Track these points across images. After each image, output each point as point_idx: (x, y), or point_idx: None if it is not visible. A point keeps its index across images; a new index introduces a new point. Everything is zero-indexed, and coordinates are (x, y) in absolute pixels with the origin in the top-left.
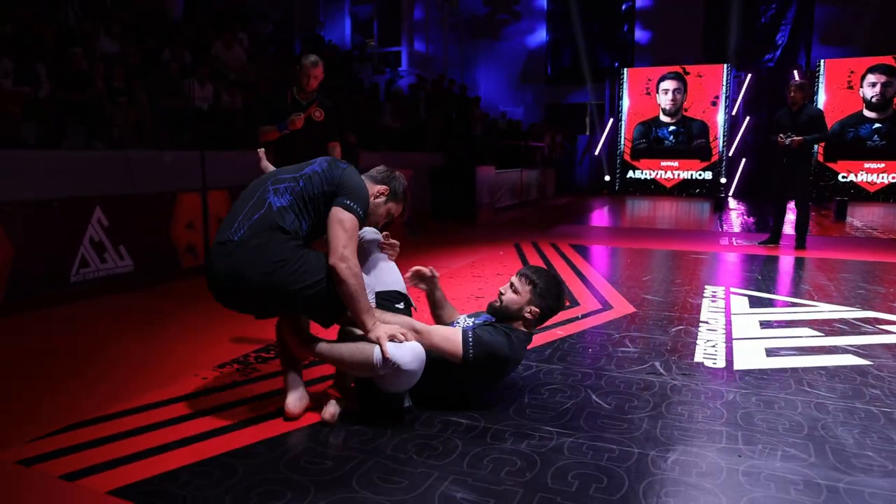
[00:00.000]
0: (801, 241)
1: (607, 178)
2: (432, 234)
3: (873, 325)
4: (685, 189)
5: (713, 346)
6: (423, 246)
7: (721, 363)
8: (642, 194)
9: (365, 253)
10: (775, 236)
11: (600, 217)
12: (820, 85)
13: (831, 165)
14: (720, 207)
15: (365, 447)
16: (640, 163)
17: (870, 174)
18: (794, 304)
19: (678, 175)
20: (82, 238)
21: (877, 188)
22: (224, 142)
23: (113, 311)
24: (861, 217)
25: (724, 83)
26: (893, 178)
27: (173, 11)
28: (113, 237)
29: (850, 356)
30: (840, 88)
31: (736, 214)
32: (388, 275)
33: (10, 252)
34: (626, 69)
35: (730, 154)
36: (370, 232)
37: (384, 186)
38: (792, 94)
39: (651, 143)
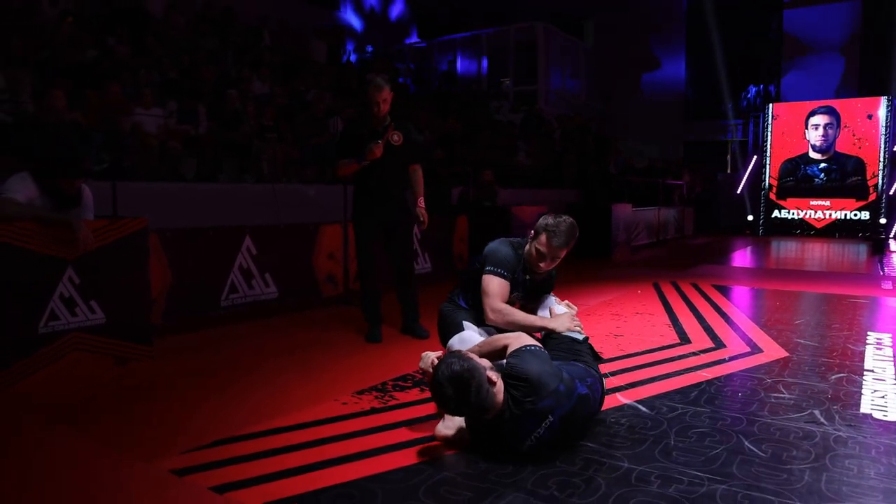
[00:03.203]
0: None
1: (750, 217)
2: (566, 272)
3: None
4: (838, 230)
5: (882, 397)
6: (557, 283)
7: (893, 416)
8: (789, 235)
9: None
10: None
11: (743, 258)
12: None
13: None
14: (880, 250)
15: (504, 480)
16: (787, 202)
17: None
18: None
19: (830, 215)
20: (233, 265)
21: None
22: None
23: (258, 335)
24: None
25: (884, 116)
26: None
27: (318, 56)
28: (260, 265)
29: None
30: None
31: None
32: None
33: (168, 277)
34: (771, 104)
35: (890, 192)
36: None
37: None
38: None
39: (799, 181)
